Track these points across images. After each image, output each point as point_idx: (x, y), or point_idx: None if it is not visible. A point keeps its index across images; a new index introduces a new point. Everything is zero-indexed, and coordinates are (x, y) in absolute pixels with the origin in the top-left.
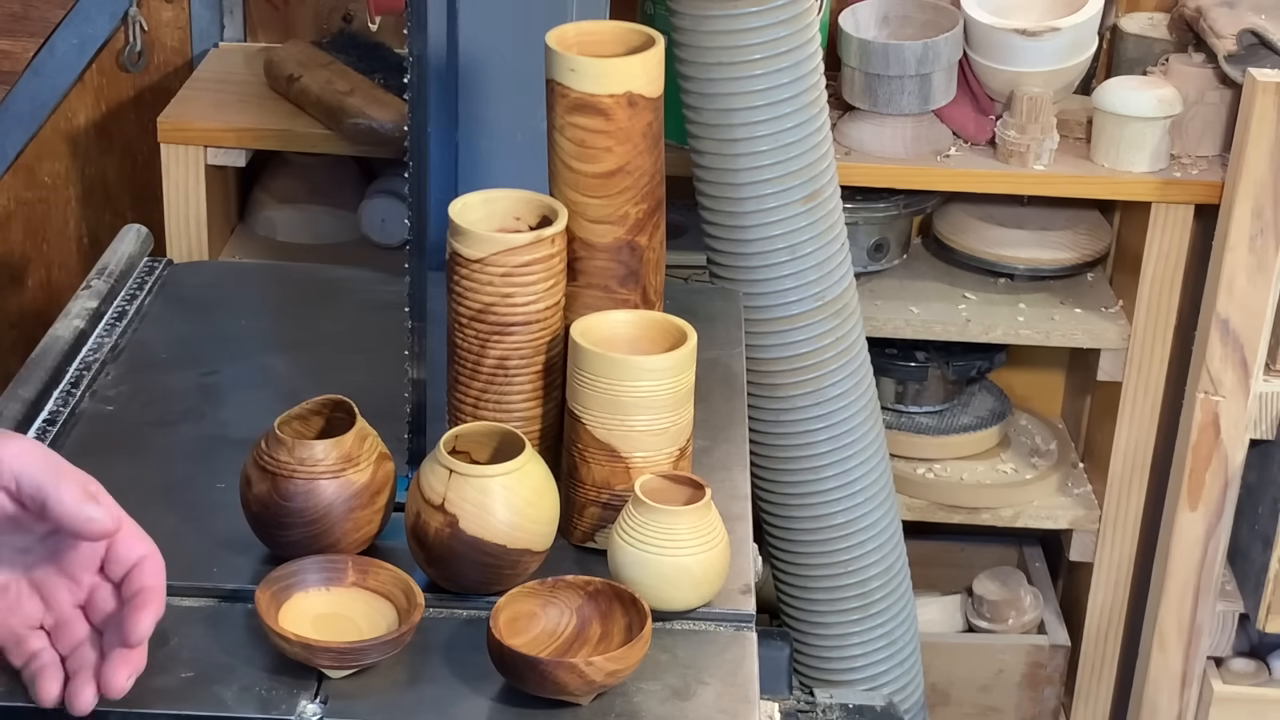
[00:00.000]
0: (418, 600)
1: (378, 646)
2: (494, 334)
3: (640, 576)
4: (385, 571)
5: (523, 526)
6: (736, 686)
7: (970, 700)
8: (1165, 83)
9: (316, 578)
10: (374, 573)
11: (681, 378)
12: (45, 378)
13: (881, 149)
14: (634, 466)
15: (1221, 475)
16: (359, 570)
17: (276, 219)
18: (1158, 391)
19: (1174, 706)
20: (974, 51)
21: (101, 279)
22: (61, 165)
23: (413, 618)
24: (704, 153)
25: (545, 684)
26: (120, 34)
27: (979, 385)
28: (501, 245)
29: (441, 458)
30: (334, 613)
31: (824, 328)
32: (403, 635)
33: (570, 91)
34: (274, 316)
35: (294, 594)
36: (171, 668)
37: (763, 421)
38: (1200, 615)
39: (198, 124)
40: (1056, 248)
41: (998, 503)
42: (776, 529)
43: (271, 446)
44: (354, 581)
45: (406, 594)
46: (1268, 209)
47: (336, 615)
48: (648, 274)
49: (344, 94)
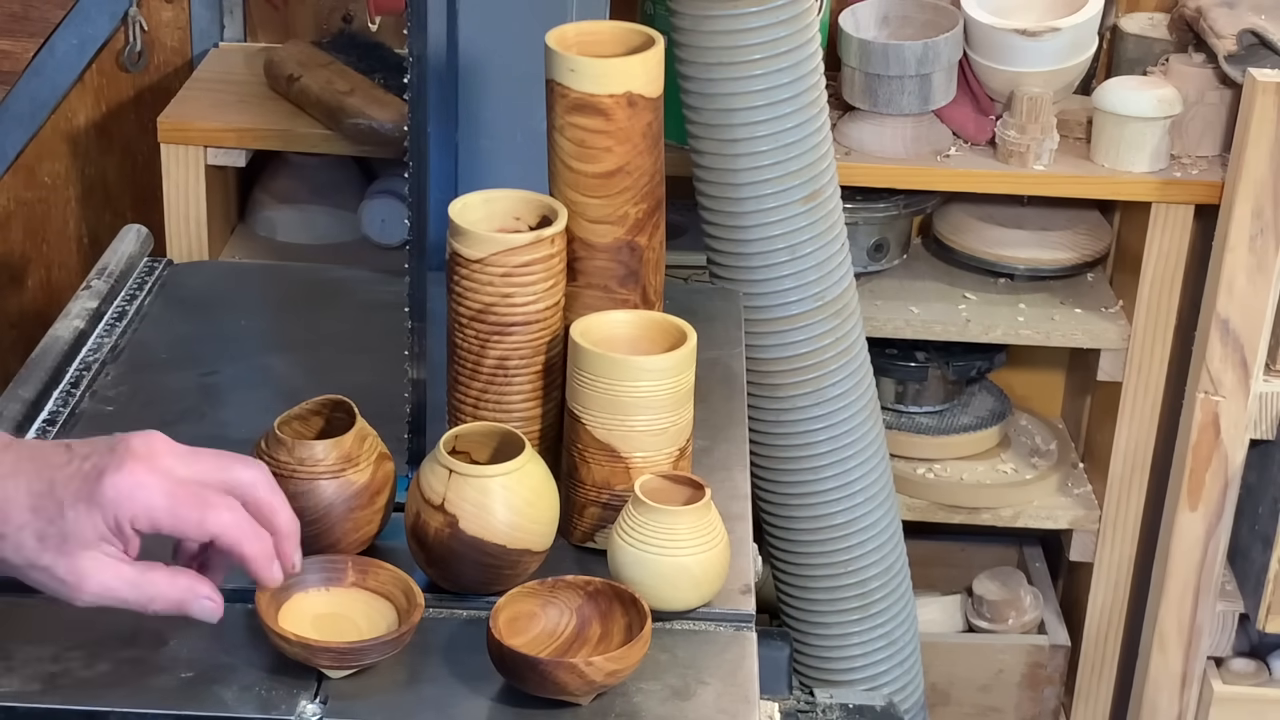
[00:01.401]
0: (417, 600)
1: (377, 647)
2: (494, 334)
3: (640, 576)
4: (385, 571)
5: (523, 526)
6: (736, 686)
7: (970, 700)
8: (1165, 83)
9: (316, 578)
10: (374, 573)
11: (681, 378)
12: (45, 378)
13: (881, 149)
14: (634, 466)
15: (1221, 475)
16: (359, 570)
17: (276, 219)
18: (1158, 391)
19: (1174, 706)
20: (974, 51)
21: (101, 279)
22: (61, 165)
23: (412, 618)
24: (704, 153)
25: (545, 684)
26: (120, 34)
27: (979, 385)
28: (501, 245)
29: (441, 458)
30: (334, 613)
31: (824, 328)
32: (402, 635)
33: (570, 91)
34: (274, 316)
35: (294, 594)
36: (171, 668)
37: (763, 421)
38: (1200, 615)
39: (198, 124)
40: (1056, 248)
41: (998, 503)
42: (776, 529)
43: (271, 446)
44: (354, 582)
45: (406, 594)
46: (1268, 209)
47: (336, 615)
48: (648, 274)
49: (344, 94)
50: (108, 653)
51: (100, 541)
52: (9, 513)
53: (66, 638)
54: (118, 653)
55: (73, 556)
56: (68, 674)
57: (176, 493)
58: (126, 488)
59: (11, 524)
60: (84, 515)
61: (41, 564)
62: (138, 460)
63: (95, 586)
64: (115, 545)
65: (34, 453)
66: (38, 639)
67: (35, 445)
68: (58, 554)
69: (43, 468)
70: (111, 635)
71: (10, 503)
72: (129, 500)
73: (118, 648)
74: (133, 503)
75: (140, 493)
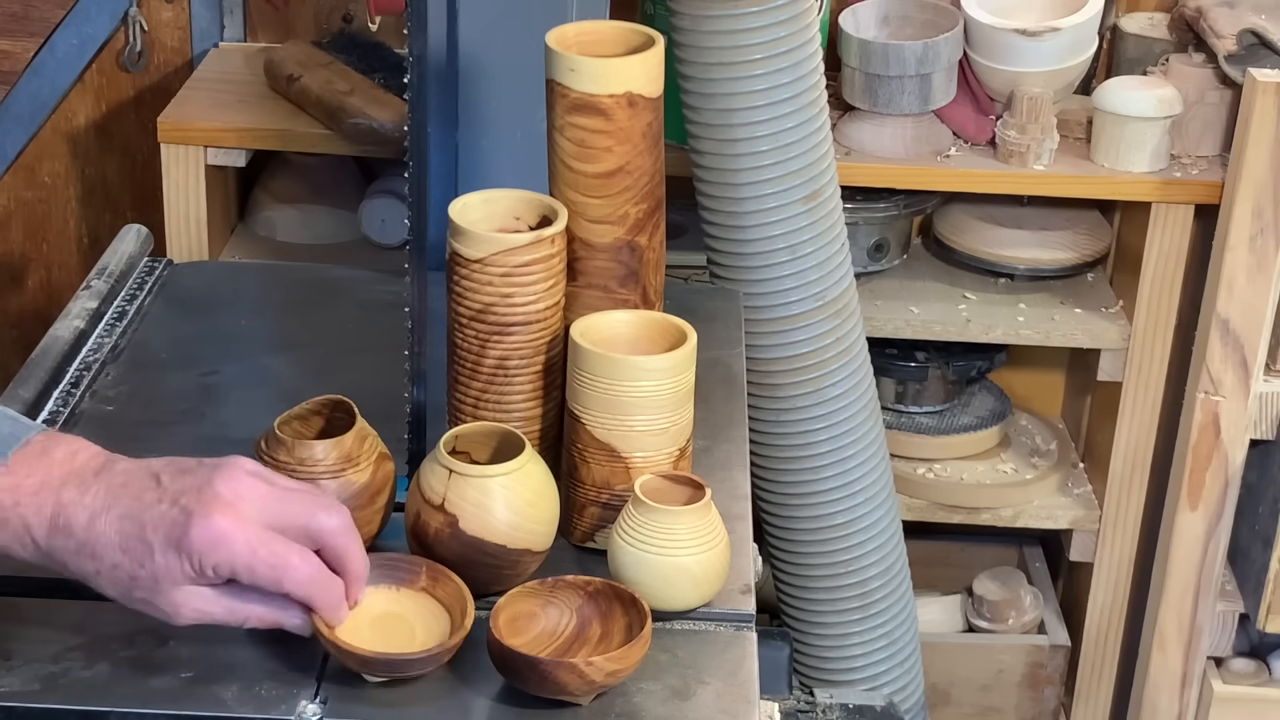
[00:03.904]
0: (464, 624)
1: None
2: (494, 334)
3: (640, 576)
4: (452, 584)
5: (523, 526)
6: (736, 686)
7: (970, 700)
8: (1165, 83)
9: (389, 575)
10: (443, 583)
11: (681, 378)
12: (45, 378)
13: (881, 149)
14: (634, 466)
15: (1221, 475)
16: (431, 577)
17: (276, 219)
18: (1158, 391)
19: (1174, 707)
20: (974, 51)
21: (101, 279)
22: (61, 165)
23: (451, 640)
24: (704, 153)
25: (545, 684)
26: (120, 34)
27: (979, 385)
28: (501, 245)
29: (441, 458)
30: (396, 613)
31: (824, 328)
32: (435, 654)
33: (570, 91)
34: (274, 316)
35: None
36: (171, 668)
37: (763, 421)
38: (1200, 615)
39: (198, 124)
40: (1056, 248)
41: (998, 503)
42: (776, 529)
43: (271, 446)
44: (424, 587)
45: (462, 612)
46: (1268, 209)
47: (397, 617)
48: (648, 274)
49: (344, 94)
50: (108, 653)
51: (189, 581)
52: (101, 552)
53: (66, 638)
54: (118, 653)
55: (166, 594)
56: (68, 674)
57: (258, 550)
58: (211, 539)
59: (105, 563)
60: (173, 560)
61: (136, 598)
62: (224, 509)
63: (193, 615)
64: (202, 583)
65: (124, 486)
66: (38, 639)
67: (126, 474)
68: (151, 593)
69: (133, 506)
70: (111, 635)
71: (102, 539)
72: (212, 551)
73: (118, 648)
74: (215, 554)
75: (223, 545)
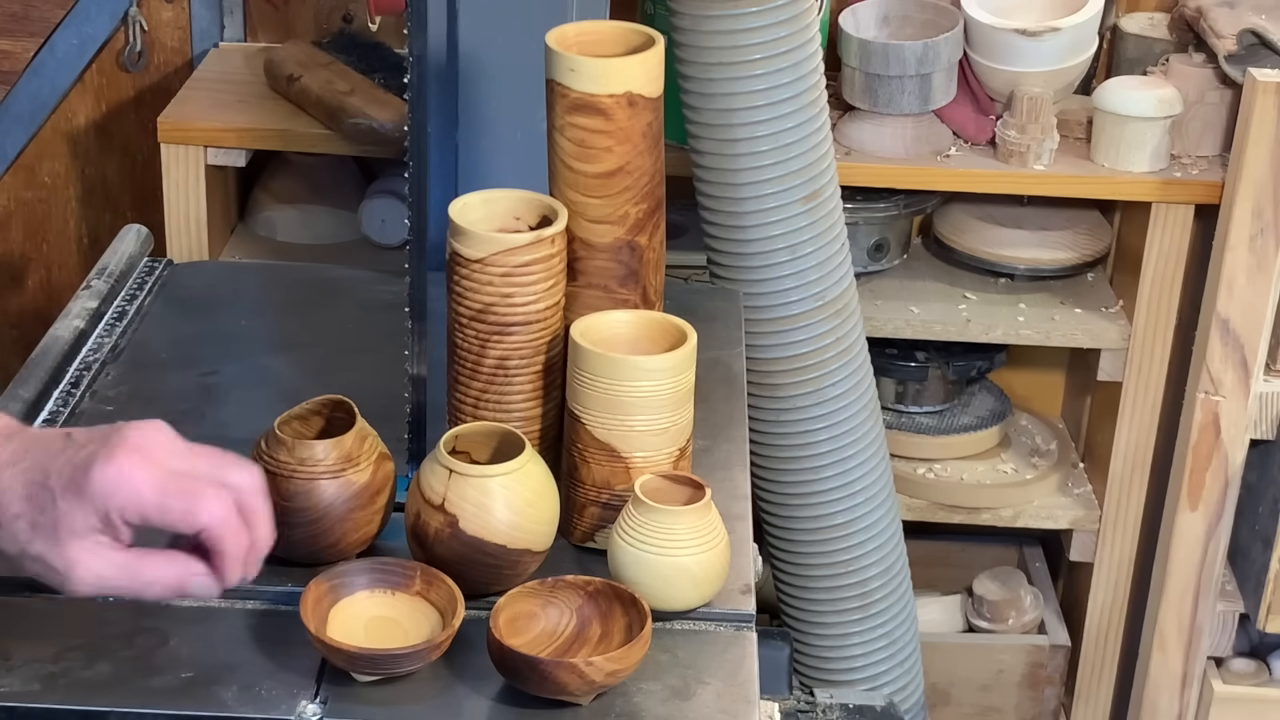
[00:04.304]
0: (452, 624)
1: (377, 657)
2: (494, 334)
3: (640, 576)
4: (445, 587)
5: (523, 526)
6: (736, 686)
7: (970, 700)
8: (1165, 83)
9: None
10: (437, 586)
11: (681, 378)
12: (45, 378)
13: (881, 149)
14: (634, 466)
15: (1221, 475)
16: (425, 581)
17: (276, 219)
18: (1158, 391)
19: (1174, 707)
20: (974, 51)
21: (101, 279)
22: (61, 165)
23: (436, 640)
24: (704, 153)
25: (545, 684)
26: (120, 34)
27: (979, 385)
28: (501, 245)
29: (441, 458)
30: (389, 617)
31: (824, 328)
32: (420, 651)
33: (570, 91)
34: (274, 316)
35: (358, 591)
36: (171, 668)
37: (763, 421)
38: (1200, 615)
39: (198, 124)
40: (1056, 248)
41: (998, 503)
42: (776, 529)
43: (271, 446)
44: (419, 591)
45: (452, 613)
46: (1268, 209)
47: (390, 620)
48: (648, 274)
49: (344, 94)
50: (108, 653)
51: (90, 532)
52: (6, 502)
53: (66, 638)
54: (118, 653)
55: (64, 545)
56: (68, 674)
57: (166, 486)
58: (114, 479)
59: (8, 513)
60: (74, 506)
61: (34, 553)
62: (130, 451)
63: (87, 574)
64: (105, 536)
65: (34, 442)
66: (38, 639)
67: (38, 434)
68: (49, 543)
69: (40, 457)
70: (111, 635)
71: (8, 492)
72: (116, 492)
73: (118, 648)
74: (120, 494)
75: (127, 484)
